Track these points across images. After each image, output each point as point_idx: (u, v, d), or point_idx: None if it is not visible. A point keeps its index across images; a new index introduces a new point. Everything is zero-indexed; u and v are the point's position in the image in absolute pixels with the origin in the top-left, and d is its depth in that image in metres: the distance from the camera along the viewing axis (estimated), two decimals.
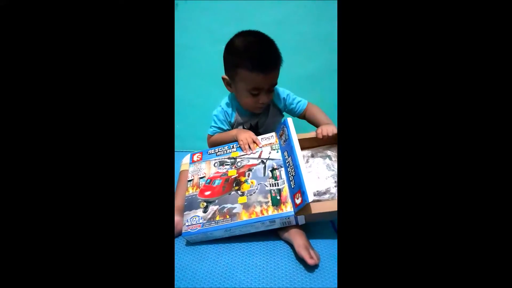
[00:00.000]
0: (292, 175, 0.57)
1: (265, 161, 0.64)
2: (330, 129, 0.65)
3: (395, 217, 0.30)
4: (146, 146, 0.33)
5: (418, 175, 0.30)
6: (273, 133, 0.70)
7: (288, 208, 0.55)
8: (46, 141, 0.31)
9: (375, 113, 0.32)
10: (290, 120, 0.64)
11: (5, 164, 0.31)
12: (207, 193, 0.63)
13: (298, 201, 0.53)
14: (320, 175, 0.61)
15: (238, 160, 0.67)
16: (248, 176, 0.63)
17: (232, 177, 0.64)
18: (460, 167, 0.29)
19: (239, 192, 0.60)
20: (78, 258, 0.30)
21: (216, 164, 0.68)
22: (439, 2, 0.30)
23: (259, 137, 0.69)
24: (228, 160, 0.68)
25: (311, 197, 0.49)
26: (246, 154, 0.67)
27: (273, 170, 0.62)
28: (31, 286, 0.29)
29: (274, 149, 0.66)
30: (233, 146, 0.70)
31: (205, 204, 0.61)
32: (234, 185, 0.62)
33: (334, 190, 0.58)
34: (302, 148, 0.65)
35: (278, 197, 0.57)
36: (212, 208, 0.59)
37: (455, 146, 0.29)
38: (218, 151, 0.71)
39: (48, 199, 0.31)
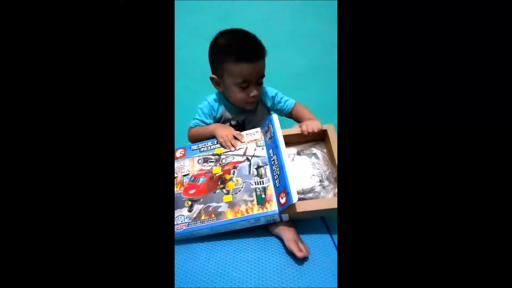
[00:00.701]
0: (277, 173, 0.57)
1: (250, 158, 0.64)
2: (314, 124, 0.65)
3: (395, 217, 0.30)
4: (146, 146, 0.33)
5: (418, 175, 0.30)
6: (258, 129, 0.68)
7: (273, 207, 0.55)
8: (47, 139, 0.31)
9: (375, 111, 0.32)
10: (275, 117, 0.63)
11: (5, 164, 0.30)
12: (192, 191, 0.62)
13: (282, 200, 0.53)
14: (306, 173, 0.61)
15: (222, 157, 0.66)
16: (233, 174, 0.62)
17: (217, 174, 0.63)
18: (461, 166, 0.30)
19: (224, 190, 0.60)
20: (77, 257, 0.31)
21: (200, 161, 0.67)
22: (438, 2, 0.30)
23: (244, 132, 0.68)
24: (213, 157, 0.66)
25: (295, 198, 0.50)
26: (231, 151, 0.66)
27: (258, 167, 0.62)
28: (31, 286, 0.29)
29: (259, 146, 0.65)
30: (217, 142, 0.69)
31: (190, 203, 0.60)
32: (219, 183, 0.61)
33: (319, 189, 0.59)
34: (288, 145, 0.65)
35: (263, 196, 0.57)
36: (197, 207, 0.59)
37: (457, 144, 0.30)
38: (202, 147, 0.69)
39: (47, 197, 0.31)
